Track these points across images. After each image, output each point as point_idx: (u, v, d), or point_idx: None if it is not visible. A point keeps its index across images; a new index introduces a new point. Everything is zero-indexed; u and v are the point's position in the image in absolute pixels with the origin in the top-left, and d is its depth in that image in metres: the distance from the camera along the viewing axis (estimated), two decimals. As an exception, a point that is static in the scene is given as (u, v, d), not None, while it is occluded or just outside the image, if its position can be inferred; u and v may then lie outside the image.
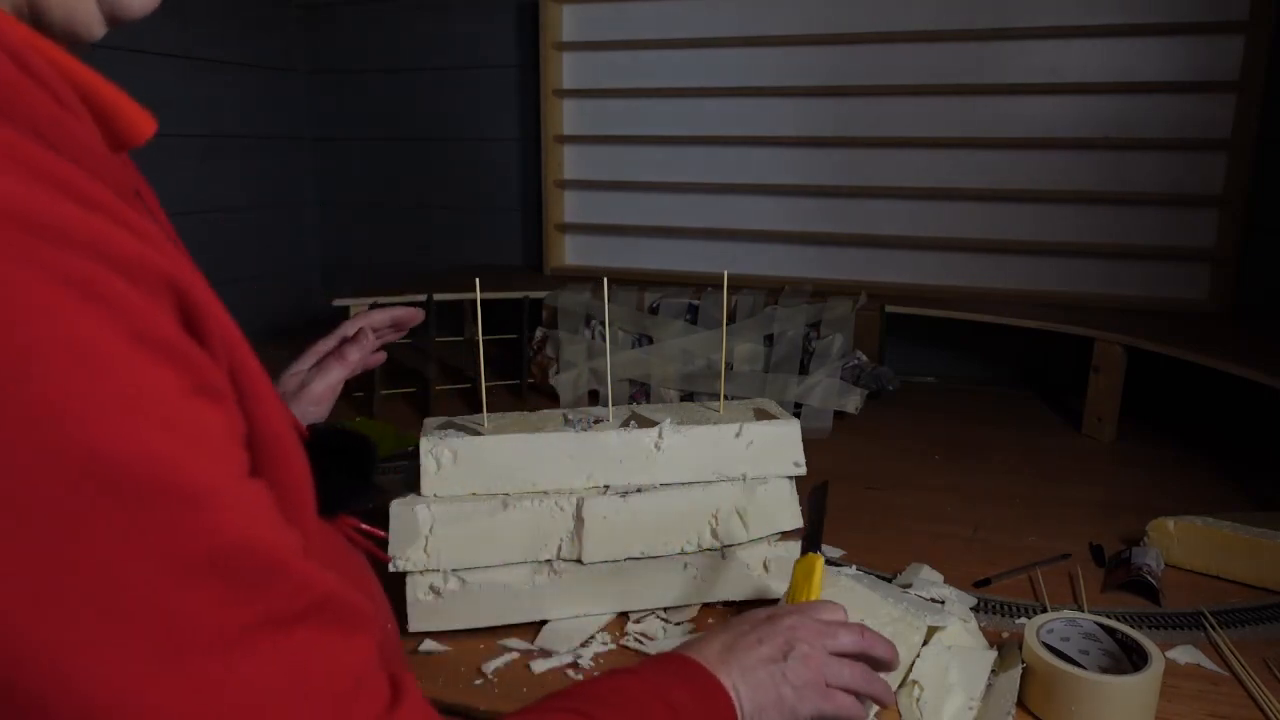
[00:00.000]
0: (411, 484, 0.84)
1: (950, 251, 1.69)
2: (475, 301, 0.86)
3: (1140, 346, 1.32)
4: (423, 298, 1.59)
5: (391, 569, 0.78)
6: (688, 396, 1.53)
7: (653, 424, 0.86)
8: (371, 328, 0.87)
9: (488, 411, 0.87)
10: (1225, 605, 0.88)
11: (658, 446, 0.85)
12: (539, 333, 1.62)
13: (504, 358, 1.67)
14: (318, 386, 0.82)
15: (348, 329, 0.86)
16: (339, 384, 0.85)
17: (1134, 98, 1.54)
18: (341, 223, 2.17)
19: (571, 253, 1.97)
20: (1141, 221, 1.57)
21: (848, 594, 0.76)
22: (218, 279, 0.60)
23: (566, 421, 0.87)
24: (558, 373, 1.55)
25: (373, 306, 1.53)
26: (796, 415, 1.46)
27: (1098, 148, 1.57)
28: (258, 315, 1.98)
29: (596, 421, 0.87)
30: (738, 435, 0.86)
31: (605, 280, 0.94)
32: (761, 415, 0.89)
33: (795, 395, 1.46)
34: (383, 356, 0.91)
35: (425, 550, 0.80)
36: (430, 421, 0.88)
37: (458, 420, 0.88)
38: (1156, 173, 1.55)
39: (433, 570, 0.80)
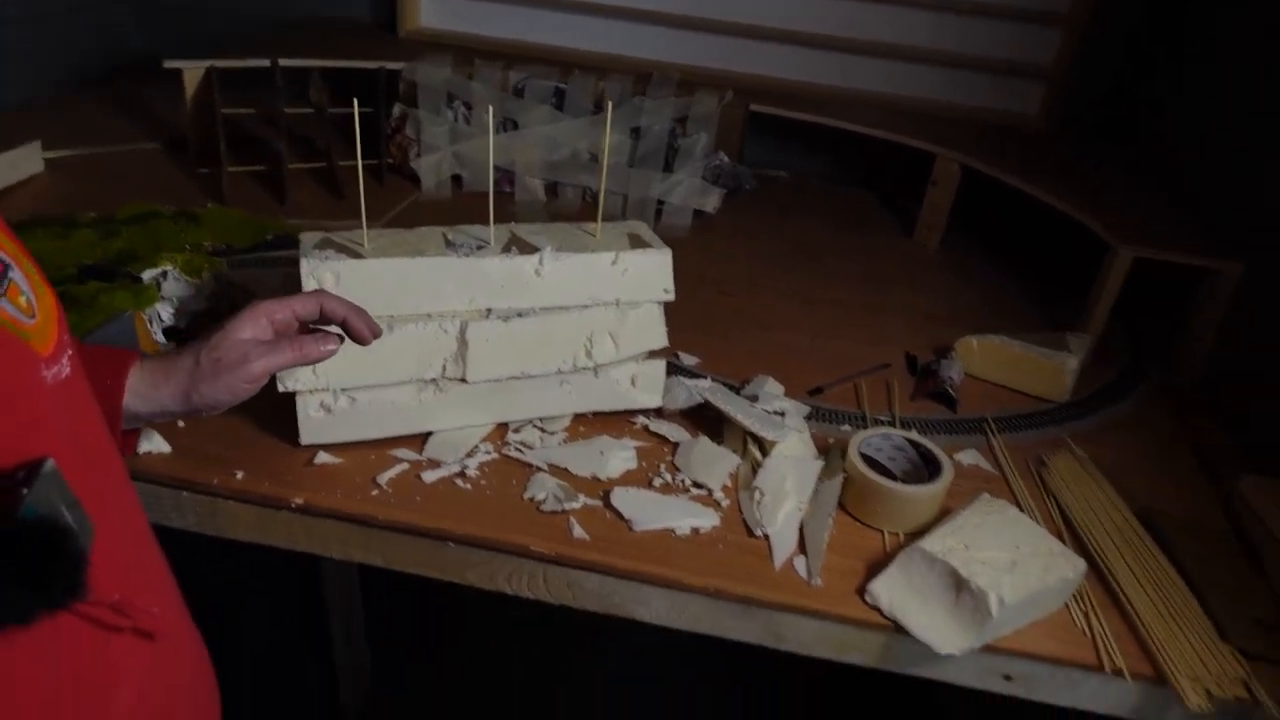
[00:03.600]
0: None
1: (812, 49, 1.71)
2: (322, 70, 0.82)
3: (976, 167, 1.43)
4: (266, 62, 1.47)
5: (280, 389, 0.82)
6: (552, 186, 1.55)
7: (533, 250, 0.89)
8: (328, 319, 0.75)
9: (365, 227, 0.87)
10: (1005, 412, 1.07)
11: (538, 273, 0.89)
12: (397, 109, 1.55)
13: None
14: (256, 367, 0.70)
15: (303, 307, 0.73)
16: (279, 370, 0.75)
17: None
18: (154, -50, 1.89)
19: (429, 12, 1.83)
20: (990, 33, 1.64)
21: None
22: None
23: (448, 244, 0.89)
24: (419, 155, 1.51)
25: (213, 72, 1.42)
26: (659, 213, 1.52)
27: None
28: (60, 57, 1.76)
29: (479, 246, 0.89)
30: (614, 263, 0.91)
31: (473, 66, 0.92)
32: (635, 242, 0.94)
33: (658, 192, 1.50)
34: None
35: (313, 371, 0.83)
36: (307, 239, 0.88)
37: (336, 238, 0.88)
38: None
39: (321, 389, 0.84)
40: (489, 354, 0.88)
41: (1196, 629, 0.76)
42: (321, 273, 0.83)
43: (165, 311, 0.98)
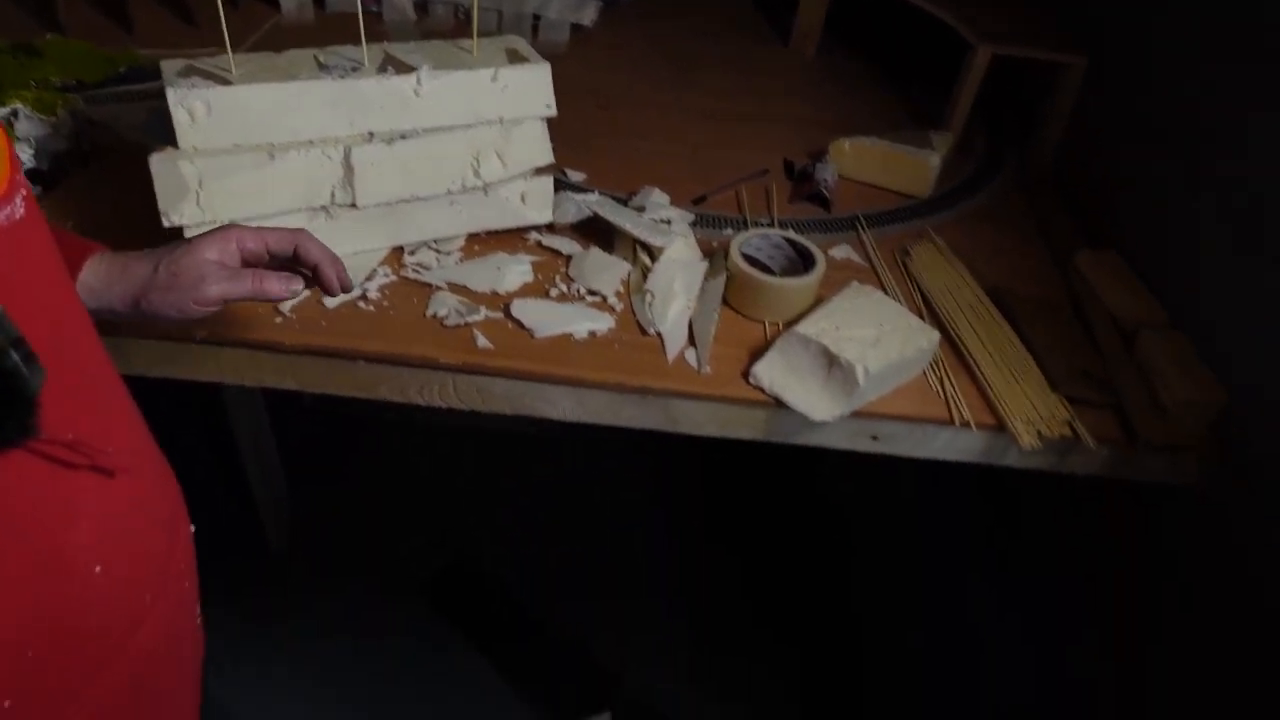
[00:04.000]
0: (159, 131, 0.83)
1: None
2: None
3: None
4: None
5: (166, 224, 0.81)
6: (422, 4, 1.48)
7: (410, 69, 0.88)
8: (301, 261, 0.71)
9: (230, 52, 0.84)
10: (875, 209, 1.14)
11: (417, 93, 0.88)
12: (243, -78, 1.43)
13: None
14: (213, 291, 0.66)
15: (277, 243, 0.70)
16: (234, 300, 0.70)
17: None
18: None
19: None
20: None
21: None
22: None
23: (321, 67, 0.87)
24: (274, -26, 1.42)
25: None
26: (535, 29, 1.48)
27: None
28: None
29: (354, 68, 0.87)
30: (494, 80, 0.91)
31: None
32: (514, 57, 0.94)
33: (533, 7, 1.46)
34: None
35: (198, 204, 0.82)
36: (169, 67, 0.84)
37: (199, 65, 0.85)
38: None
39: (209, 222, 0.83)
40: (377, 178, 0.88)
41: (1032, 383, 0.88)
42: (191, 102, 0.81)
43: (24, 153, 0.94)
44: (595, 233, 1.01)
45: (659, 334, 0.88)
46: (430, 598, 1.75)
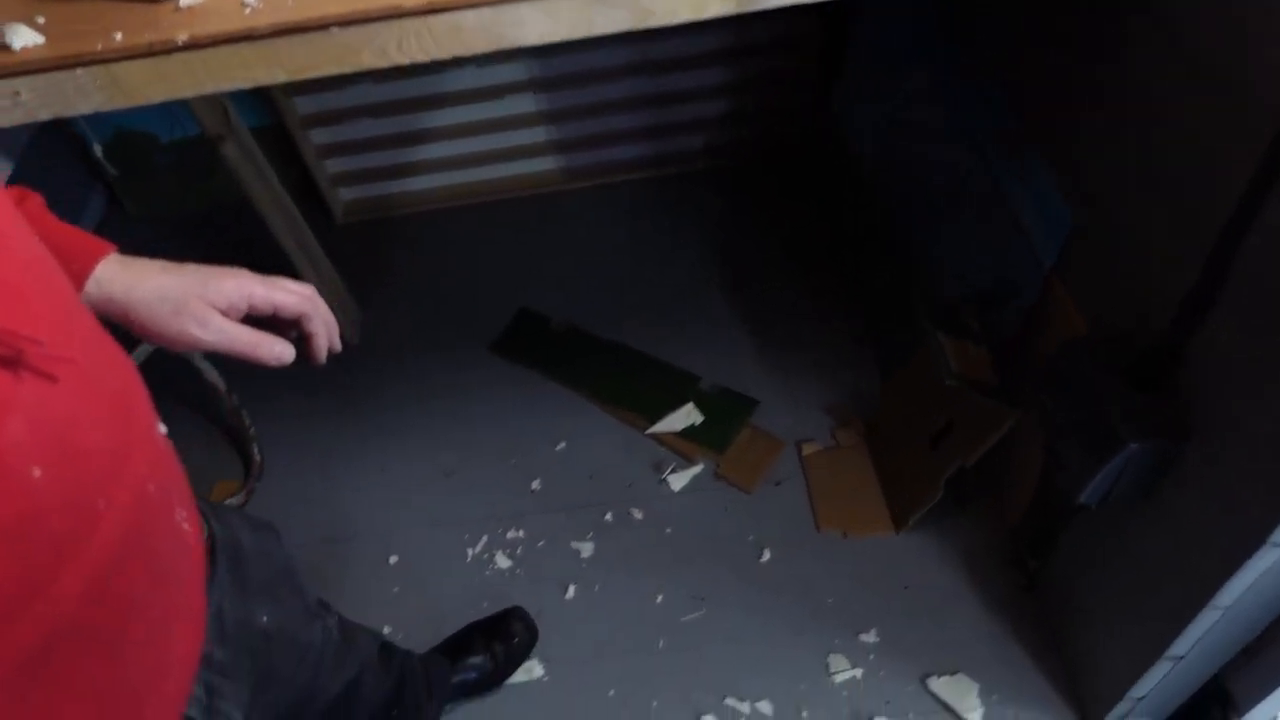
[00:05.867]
0: None
1: None
2: None
3: None
4: None
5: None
6: None
7: None
8: (306, 324, 0.69)
9: None
10: None
11: None
12: None
13: None
14: (207, 339, 0.64)
15: (286, 306, 0.68)
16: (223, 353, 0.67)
17: None
18: None
19: None
20: None
21: None
22: None
23: None
24: None
25: None
26: None
27: None
28: None
29: None
30: None
31: None
32: None
33: None
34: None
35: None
36: None
37: None
38: None
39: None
40: None
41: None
42: None
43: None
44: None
45: (611, -66, 0.88)
46: (503, 352, 1.85)
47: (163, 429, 0.55)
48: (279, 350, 0.66)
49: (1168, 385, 0.97)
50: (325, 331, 0.70)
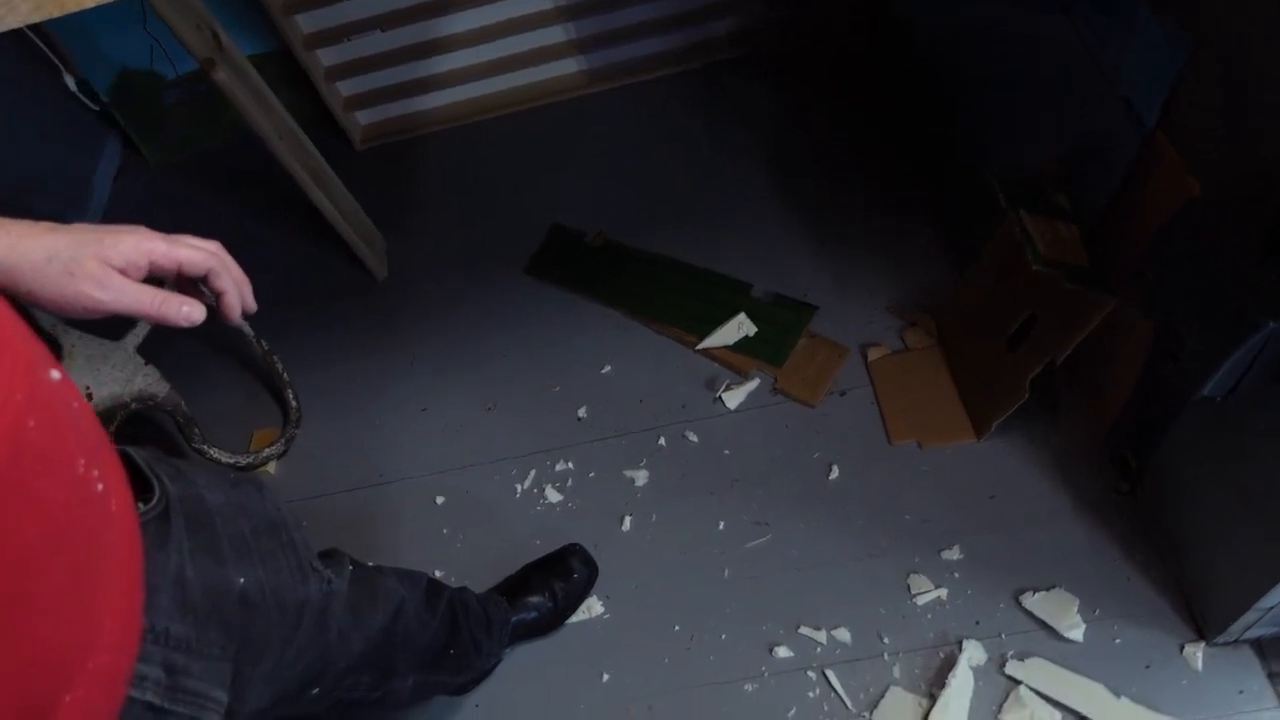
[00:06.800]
0: None
1: None
2: None
3: None
4: None
5: None
6: None
7: None
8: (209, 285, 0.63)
9: None
10: None
11: None
12: None
13: None
14: (107, 301, 0.58)
15: (191, 264, 0.62)
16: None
17: None
18: None
19: None
20: None
21: None
22: None
23: None
24: None
25: None
26: None
27: None
28: None
29: None
30: None
31: None
32: None
33: None
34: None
35: None
36: None
37: None
38: None
39: None
40: None
41: None
42: None
43: None
44: None
45: None
46: (538, 274, 1.73)
47: (56, 375, 0.49)
48: (186, 310, 0.60)
49: (1312, 251, 0.81)
50: (235, 289, 0.65)
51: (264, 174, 1.82)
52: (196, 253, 0.63)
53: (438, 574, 1.41)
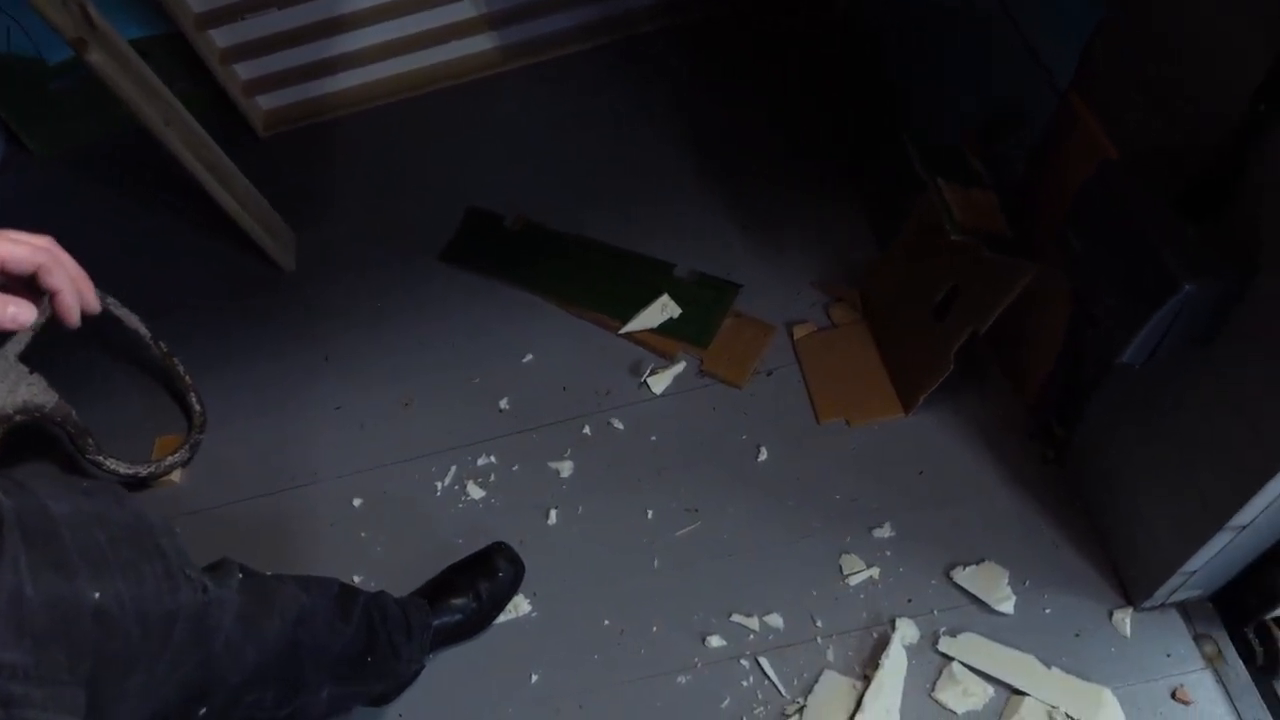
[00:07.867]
0: None
1: None
2: None
3: None
4: None
5: None
6: None
7: None
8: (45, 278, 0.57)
9: None
10: None
11: None
12: None
13: None
14: None
15: (16, 261, 0.56)
16: None
17: None
18: None
19: None
20: None
21: None
22: None
23: None
24: None
25: None
26: None
27: None
28: None
29: None
30: None
31: None
32: None
33: None
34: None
35: None
36: None
37: None
38: None
39: None
40: None
41: None
42: None
43: None
44: None
45: None
46: (454, 260, 1.66)
47: None
48: (13, 310, 0.54)
49: (1228, 212, 0.79)
50: (71, 287, 0.59)
51: (160, 166, 1.71)
52: (20, 247, 0.56)
53: (356, 580, 1.34)
